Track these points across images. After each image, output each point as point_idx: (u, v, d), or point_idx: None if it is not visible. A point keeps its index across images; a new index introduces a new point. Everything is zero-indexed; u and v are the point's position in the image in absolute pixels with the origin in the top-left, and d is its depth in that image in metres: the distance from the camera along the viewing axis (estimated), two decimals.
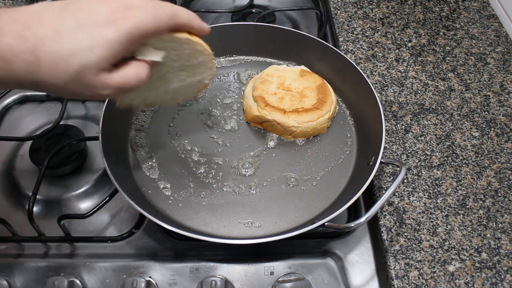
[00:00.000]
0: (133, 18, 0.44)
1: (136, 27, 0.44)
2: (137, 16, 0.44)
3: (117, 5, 0.44)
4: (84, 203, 0.69)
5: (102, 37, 0.42)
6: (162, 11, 0.46)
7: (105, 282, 0.60)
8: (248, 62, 0.81)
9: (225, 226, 0.61)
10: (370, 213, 0.53)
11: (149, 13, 0.45)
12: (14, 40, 0.40)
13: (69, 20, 0.42)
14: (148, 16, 0.45)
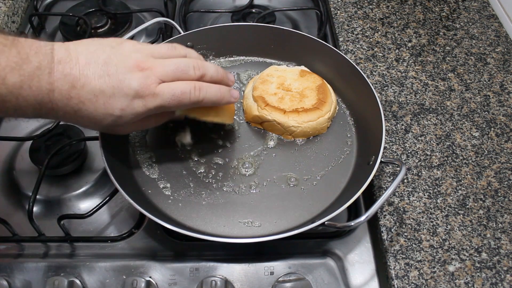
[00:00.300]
0: (160, 98, 0.52)
1: (161, 106, 0.52)
2: (164, 98, 0.52)
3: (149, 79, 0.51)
4: (84, 203, 0.69)
5: (131, 109, 0.51)
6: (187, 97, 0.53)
7: (105, 282, 0.60)
8: (248, 62, 0.81)
9: (225, 225, 0.61)
10: (370, 212, 0.53)
11: (175, 99, 0.52)
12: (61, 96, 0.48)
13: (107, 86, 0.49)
14: (173, 101, 0.52)
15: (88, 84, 0.49)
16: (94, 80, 0.49)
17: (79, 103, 0.49)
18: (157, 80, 0.51)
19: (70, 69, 0.48)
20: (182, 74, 0.53)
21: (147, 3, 1.02)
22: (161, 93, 0.51)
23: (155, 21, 0.77)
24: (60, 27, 0.93)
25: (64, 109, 0.49)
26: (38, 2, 1.00)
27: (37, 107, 0.47)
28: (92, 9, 0.95)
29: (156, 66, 0.52)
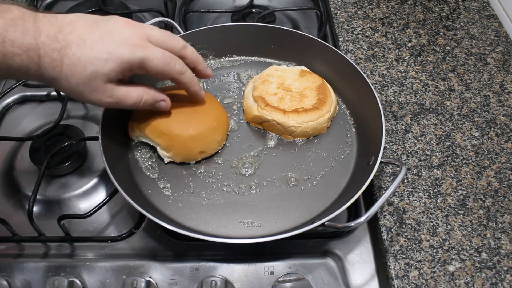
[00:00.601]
0: (149, 51, 0.52)
1: (148, 59, 0.52)
2: (153, 53, 0.52)
3: (139, 33, 0.52)
4: (84, 203, 0.69)
5: (118, 54, 0.50)
6: (173, 64, 0.55)
7: (105, 282, 0.60)
8: (248, 62, 0.81)
9: (225, 226, 0.61)
10: (370, 213, 0.53)
11: (164, 58, 0.53)
12: (48, 39, 0.47)
13: (95, 34, 0.50)
14: (161, 60, 0.53)
15: (76, 30, 0.49)
16: (82, 28, 0.50)
17: (66, 46, 0.48)
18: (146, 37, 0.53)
19: (56, 20, 0.49)
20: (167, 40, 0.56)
21: (147, 3, 1.02)
22: (152, 47, 0.53)
23: (155, 21, 0.77)
24: None
25: (51, 55, 0.48)
26: (38, 2, 1.00)
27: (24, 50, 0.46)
28: (92, 9, 0.96)
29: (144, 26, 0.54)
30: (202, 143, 0.65)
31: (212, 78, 0.78)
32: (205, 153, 0.66)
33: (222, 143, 0.68)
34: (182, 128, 0.63)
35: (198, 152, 0.65)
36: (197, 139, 0.64)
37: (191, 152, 0.65)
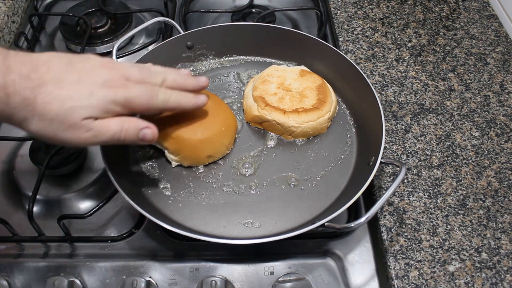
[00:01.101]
0: (131, 91, 0.50)
1: (131, 99, 0.50)
2: (135, 92, 0.51)
3: (117, 74, 0.50)
4: (84, 203, 0.69)
5: (100, 95, 0.48)
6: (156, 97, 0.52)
7: (105, 282, 0.60)
8: (248, 62, 0.81)
9: (225, 226, 0.61)
10: (370, 213, 0.53)
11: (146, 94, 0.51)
12: (20, 78, 0.45)
13: (73, 75, 0.48)
14: (143, 97, 0.51)
15: (52, 70, 0.47)
16: (59, 67, 0.47)
17: (41, 84, 0.46)
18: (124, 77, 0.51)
19: (30, 58, 0.47)
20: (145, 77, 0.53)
21: (147, 3, 1.02)
22: (132, 86, 0.51)
23: (155, 20, 0.77)
24: (60, 27, 0.93)
25: (22, 93, 0.45)
26: (38, 2, 1.00)
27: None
28: (92, 9, 0.95)
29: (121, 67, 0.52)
30: (210, 147, 0.65)
31: (212, 78, 0.78)
32: (213, 157, 0.66)
33: (230, 147, 0.68)
34: (191, 132, 0.63)
35: (206, 156, 0.65)
36: (205, 143, 0.64)
37: (199, 156, 0.65)
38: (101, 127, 0.49)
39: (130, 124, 0.51)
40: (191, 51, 0.78)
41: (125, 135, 0.51)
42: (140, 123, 0.52)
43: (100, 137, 0.49)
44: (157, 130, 0.54)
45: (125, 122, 0.51)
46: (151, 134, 0.53)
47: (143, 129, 0.52)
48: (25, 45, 0.92)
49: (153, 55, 0.74)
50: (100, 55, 0.55)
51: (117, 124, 0.50)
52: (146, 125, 0.53)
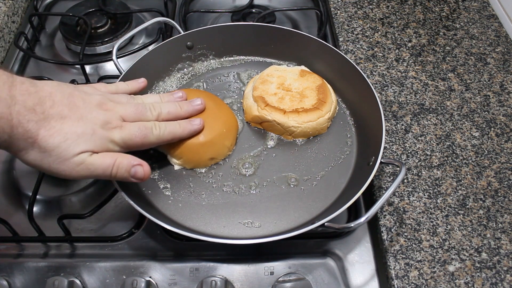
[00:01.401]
0: (127, 131, 0.53)
1: (128, 139, 0.53)
2: (130, 131, 0.54)
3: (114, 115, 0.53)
4: (84, 203, 0.69)
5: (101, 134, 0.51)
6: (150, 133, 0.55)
7: (105, 282, 0.60)
8: (248, 62, 0.81)
9: (225, 226, 0.61)
10: (370, 213, 0.53)
11: (140, 132, 0.54)
12: (24, 110, 0.46)
13: (75, 113, 0.50)
14: (138, 135, 0.54)
15: (56, 105, 0.49)
16: (62, 103, 0.50)
17: (45, 118, 0.47)
18: (121, 118, 0.54)
19: (36, 90, 0.48)
20: (140, 115, 0.56)
21: (147, 3, 1.02)
22: (128, 125, 0.54)
23: (155, 21, 0.77)
24: (60, 27, 0.93)
25: (25, 126, 0.46)
26: (38, 2, 1.00)
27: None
28: (92, 9, 0.95)
29: (117, 107, 0.55)
30: (212, 149, 0.65)
31: (212, 78, 0.78)
32: (215, 159, 0.66)
33: (232, 148, 0.68)
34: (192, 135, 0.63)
35: (208, 158, 0.65)
36: (207, 146, 0.64)
37: (201, 159, 0.65)
38: (95, 161, 0.51)
39: (122, 160, 0.53)
40: (191, 51, 0.78)
41: (116, 170, 0.52)
42: (132, 160, 0.54)
43: (94, 171, 0.51)
44: (149, 168, 0.55)
45: (118, 158, 0.53)
46: (142, 172, 0.54)
47: (135, 166, 0.54)
48: (25, 45, 0.92)
49: (153, 55, 0.74)
50: (95, 84, 0.59)
51: (110, 159, 0.52)
52: (138, 162, 0.54)
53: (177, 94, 0.63)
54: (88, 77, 0.84)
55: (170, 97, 0.62)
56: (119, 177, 0.53)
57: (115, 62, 0.71)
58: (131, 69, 0.70)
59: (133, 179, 0.54)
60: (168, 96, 0.62)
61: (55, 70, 0.88)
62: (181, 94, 0.63)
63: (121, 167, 0.52)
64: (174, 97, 0.62)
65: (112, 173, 0.52)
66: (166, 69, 0.77)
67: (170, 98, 0.62)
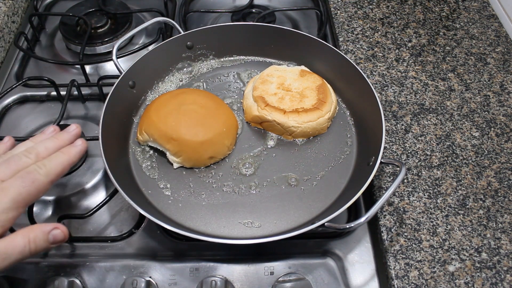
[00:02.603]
0: (12, 189, 0.46)
1: (18, 196, 0.46)
2: (15, 187, 0.47)
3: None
4: (84, 203, 0.69)
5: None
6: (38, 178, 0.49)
7: (105, 282, 0.60)
8: (248, 62, 0.81)
9: (225, 226, 0.61)
10: (370, 213, 0.53)
11: (26, 181, 0.47)
12: None
13: None
14: (26, 187, 0.47)
15: None
16: None
17: None
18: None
19: None
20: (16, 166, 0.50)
21: (147, 3, 1.02)
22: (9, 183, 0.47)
23: (155, 20, 0.77)
24: (60, 27, 0.93)
25: None
26: (38, 2, 1.00)
27: None
28: (92, 9, 0.95)
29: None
30: (212, 148, 0.65)
31: (212, 78, 0.78)
32: (215, 158, 0.66)
33: (232, 147, 0.68)
34: (192, 133, 0.63)
35: (208, 157, 0.65)
36: (206, 145, 0.64)
37: (201, 158, 0.65)
38: (6, 248, 0.45)
39: (35, 233, 0.48)
40: (191, 51, 0.78)
41: (35, 246, 0.47)
42: (44, 227, 0.49)
43: (9, 258, 0.45)
44: (65, 227, 0.50)
45: (30, 233, 0.47)
46: (62, 233, 0.49)
47: (52, 231, 0.49)
48: (25, 45, 0.92)
49: (153, 55, 0.74)
50: None
51: (21, 239, 0.47)
52: (52, 226, 0.49)
53: (48, 130, 0.57)
54: (88, 77, 0.84)
55: (42, 135, 0.56)
56: (39, 251, 0.48)
57: (115, 62, 0.71)
58: (131, 69, 0.70)
59: (54, 245, 0.49)
60: (40, 136, 0.56)
61: (55, 70, 0.88)
62: (52, 129, 0.57)
63: (38, 240, 0.47)
64: (47, 134, 0.57)
65: (30, 251, 0.47)
66: (166, 69, 0.77)
67: (42, 136, 0.56)
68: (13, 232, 0.47)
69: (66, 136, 0.56)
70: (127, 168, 0.66)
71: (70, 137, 0.56)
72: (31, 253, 0.47)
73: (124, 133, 0.70)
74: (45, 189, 0.50)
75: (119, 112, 0.68)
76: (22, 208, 0.48)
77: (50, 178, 0.50)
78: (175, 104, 0.66)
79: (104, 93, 0.80)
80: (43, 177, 0.49)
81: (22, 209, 0.48)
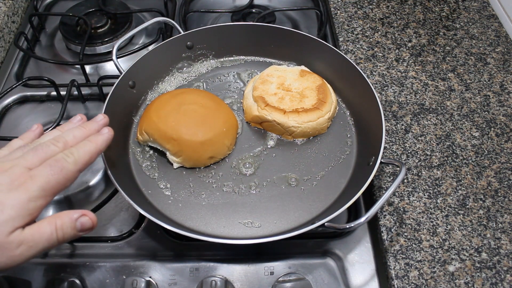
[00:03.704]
0: (40, 177, 0.45)
1: (46, 184, 0.45)
2: (44, 175, 0.45)
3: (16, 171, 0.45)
4: (84, 203, 0.69)
5: (12, 200, 0.43)
6: (66, 166, 0.47)
7: (105, 282, 0.60)
8: (248, 62, 0.81)
9: (225, 226, 0.61)
10: (370, 213, 0.53)
11: (55, 169, 0.46)
12: None
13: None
14: (55, 175, 0.46)
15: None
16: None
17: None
18: (26, 169, 0.46)
19: None
20: (45, 154, 0.48)
21: (147, 3, 1.02)
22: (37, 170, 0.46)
23: (155, 20, 0.77)
24: (60, 27, 0.93)
25: None
26: (38, 2, 1.00)
27: None
28: (92, 9, 0.95)
29: (15, 162, 0.47)
30: (212, 148, 0.65)
31: (212, 78, 0.78)
32: (215, 158, 0.66)
33: (232, 148, 0.68)
34: (192, 133, 0.63)
35: (208, 157, 0.65)
36: (207, 145, 0.64)
37: (201, 158, 0.65)
38: (33, 235, 0.44)
39: (63, 220, 0.46)
40: (191, 51, 0.78)
41: (62, 234, 0.46)
42: (72, 214, 0.47)
43: (36, 246, 0.44)
44: (94, 214, 0.48)
45: (57, 219, 0.46)
46: (90, 220, 0.48)
47: (79, 219, 0.47)
48: (25, 45, 0.92)
49: (153, 55, 0.74)
50: None
51: (48, 226, 0.45)
52: (80, 213, 0.47)
53: (76, 118, 0.56)
54: (88, 77, 0.84)
55: (69, 124, 0.56)
56: (67, 239, 0.46)
57: (115, 62, 0.71)
58: (131, 69, 0.70)
59: (82, 233, 0.48)
60: (67, 125, 0.55)
61: (55, 70, 0.88)
62: (79, 118, 0.56)
63: (65, 228, 0.46)
64: (74, 123, 0.56)
65: (58, 239, 0.45)
66: (166, 69, 0.77)
67: (69, 125, 0.55)
68: (40, 220, 0.45)
69: (94, 125, 0.55)
70: (127, 168, 0.66)
71: (97, 126, 0.55)
72: (59, 241, 0.46)
73: (124, 133, 0.70)
74: (74, 178, 0.49)
75: (119, 112, 0.68)
76: (50, 196, 0.46)
77: (78, 167, 0.49)
78: (175, 104, 0.66)
79: (104, 93, 0.80)
80: (71, 166, 0.48)
81: (50, 198, 0.46)
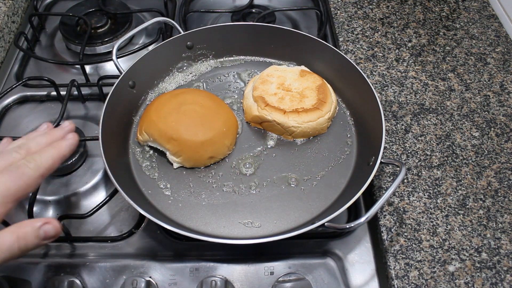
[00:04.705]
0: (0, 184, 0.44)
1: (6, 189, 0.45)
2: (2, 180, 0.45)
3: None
4: (84, 203, 0.69)
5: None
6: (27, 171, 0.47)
7: (105, 282, 0.60)
8: (248, 62, 0.81)
9: (225, 226, 0.61)
10: (370, 213, 0.53)
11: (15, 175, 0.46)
12: None
13: None
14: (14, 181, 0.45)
15: None
16: None
17: None
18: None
19: None
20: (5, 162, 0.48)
21: (147, 3, 1.02)
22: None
23: (155, 20, 0.77)
24: (60, 27, 0.92)
25: None
26: (38, 2, 1.00)
27: None
28: (92, 9, 0.95)
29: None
30: (212, 148, 0.65)
31: (212, 78, 0.78)
32: (215, 158, 0.66)
33: (232, 148, 0.68)
34: (192, 133, 0.63)
35: (208, 157, 0.65)
36: (207, 145, 0.64)
37: (201, 158, 0.65)
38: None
39: (25, 229, 0.45)
40: (191, 51, 0.78)
41: (24, 243, 0.44)
42: (35, 222, 0.45)
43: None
44: (58, 222, 0.47)
45: (19, 228, 0.44)
46: (54, 228, 0.46)
47: (42, 227, 0.45)
48: (25, 45, 0.92)
49: (153, 55, 0.74)
50: None
51: (9, 236, 0.44)
52: (43, 221, 0.46)
53: (42, 127, 0.56)
54: (88, 77, 0.84)
55: (35, 133, 0.55)
56: (30, 248, 0.45)
57: (115, 62, 0.71)
58: (131, 69, 0.70)
59: (46, 241, 0.46)
60: (33, 133, 0.55)
61: (55, 70, 0.88)
62: (45, 126, 0.56)
63: (28, 237, 0.44)
64: (40, 131, 0.55)
65: (20, 248, 0.44)
66: (166, 69, 0.77)
67: (35, 134, 0.54)
68: (1, 230, 0.44)
69: (59, 132, 0.54)
70: (127, 168, 0.66)
71: (62, 133, 0.55)
72: (21, 251, 0.44)
73: (124, 133, 0.70)
74: (36, 183, 0.48)
75: (119, 112, 0.68)
76: (12, 203, 0.46)
77: (40, 172, 0.48)
78: (175, 104, 0.66)
79: (104, 93, 0.80)
80: (32, 171, 0.47)
81: (11, 204, 0.46)
